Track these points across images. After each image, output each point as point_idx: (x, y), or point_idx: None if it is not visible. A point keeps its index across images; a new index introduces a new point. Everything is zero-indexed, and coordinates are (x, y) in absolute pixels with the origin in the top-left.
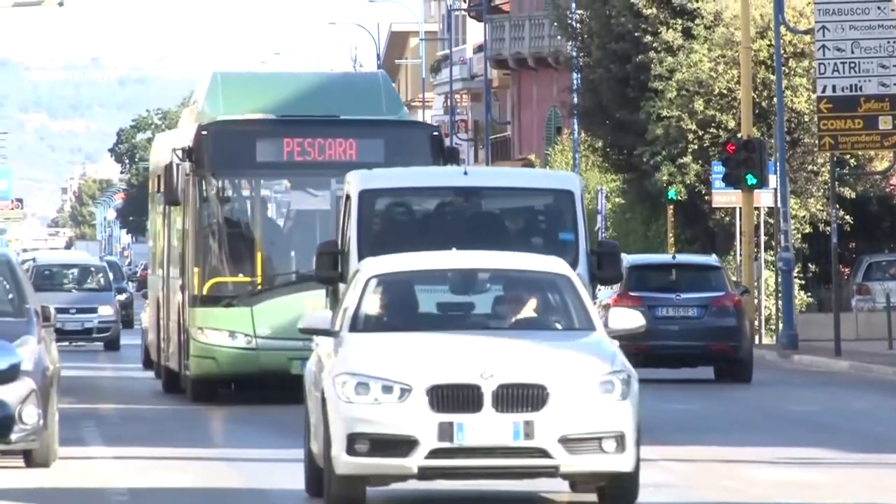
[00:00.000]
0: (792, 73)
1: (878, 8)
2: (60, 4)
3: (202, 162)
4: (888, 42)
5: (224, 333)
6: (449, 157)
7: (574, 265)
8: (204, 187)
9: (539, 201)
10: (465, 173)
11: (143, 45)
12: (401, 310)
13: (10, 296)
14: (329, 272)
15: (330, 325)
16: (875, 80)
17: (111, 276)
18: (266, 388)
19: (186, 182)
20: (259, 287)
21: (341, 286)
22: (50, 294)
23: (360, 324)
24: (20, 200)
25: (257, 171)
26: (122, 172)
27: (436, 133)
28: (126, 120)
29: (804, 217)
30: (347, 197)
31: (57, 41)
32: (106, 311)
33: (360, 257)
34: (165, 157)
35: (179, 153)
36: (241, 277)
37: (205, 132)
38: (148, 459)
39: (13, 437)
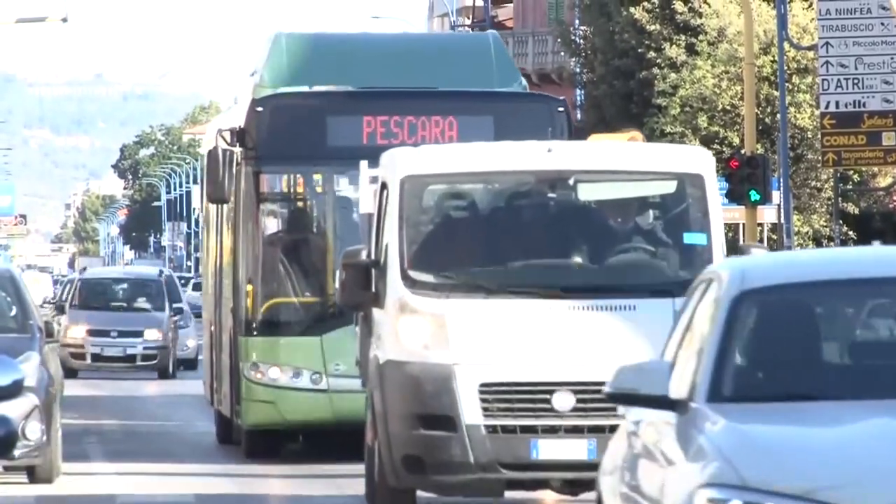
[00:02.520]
0: (795, 89)
1: (882, 24)
2: (64, 21)
3: (256, 147)
4: (892, 58)
5: (286, 371)
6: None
7: None
8: (258, 180)
9: (656, 189)
10: (550, 151)
11: (146, 61)
12: (805, 357)
13: (14, 311)
14: (358, 294)
15: (666, 386)
16: (878, 97)
17: (166, 294)
18: (341, 443)
19: (236, 173)
20: (331, 310)
21: (376, 313)
22: (95, 313)
23: (731, 386)
24: (24, 216)
25: (328, 159)
26: (125, 188)
27: (561, 108)
28: (130, 136)
29: (807, 233)
30: (383, 185)
31: (61, 57)
32: (152, 336)
33: (404, 272)
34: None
35: (227, 135)
36: (307, 297)
37: (260, 108)
38: (151, 475)
39: (16, 452)
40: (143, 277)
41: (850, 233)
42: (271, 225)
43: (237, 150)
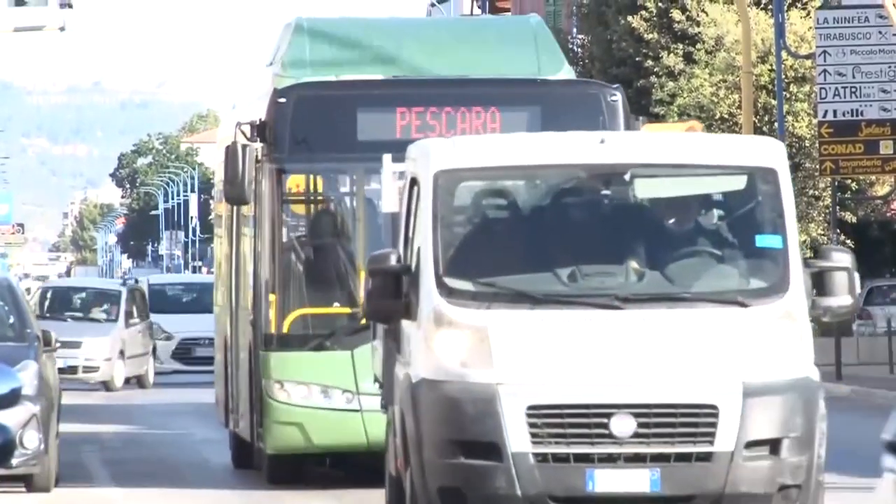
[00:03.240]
0: (793, 97)
1: (880, 33)
2: (62, 29)
3: (279, 142)
4: (889, 67)
5: (313, 389)
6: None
7: (781, 287)
8: (281, 178)
9: (724, 186)
10: (603, 142)
11: (144, 69)
12: None
13: (12, 320)
14: (387, 304)
15: None
16: (876, 105)
17: (124, 305)
18: (373, 467)
19: (257, 171)
20: (363, 322)
21: (406, 326)
22: (46, 322)
23: None
24: (21, 225)
25: (358, 155)
26: (122, 197)
27: (615, 96)
28: (127, 144)
29: (805, 242)
30: (413, 181)
31: (59, 66)
32: (94, 348)
33: (440, 279)
34: (229, 137)
35: (247, 129)
36: (336, 308)
37: (283, 99)
38: (150, 488)
39: (14, 461)
40: (102, 289)
41: (848, 241)
42: (296, 228)
43: (258, 145)
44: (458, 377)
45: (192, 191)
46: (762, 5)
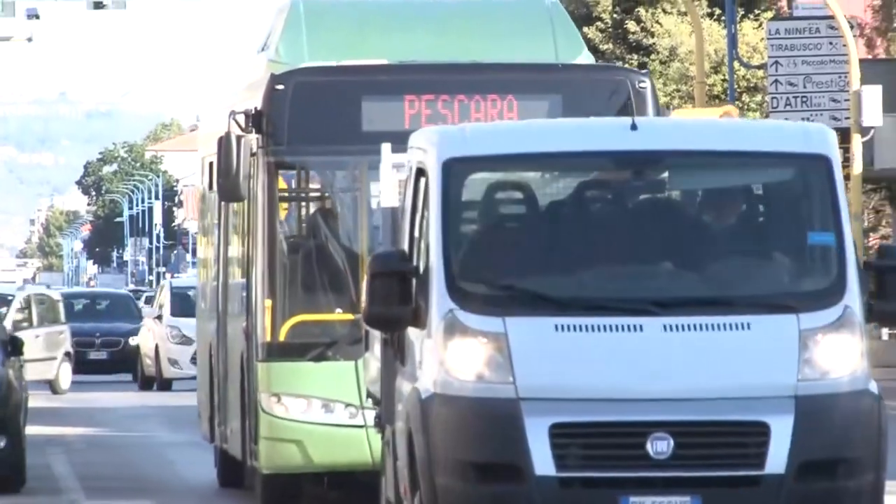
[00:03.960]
0: (745, 107)
1: (830, 43)
2: (29, 40)
3: (276, 132)
4: (839, 77)
5: (314, 403)
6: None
7: (836, 289)
8: (279, 172)
9: (770, 176)
10: (634, 128)
11: (109, 80)
12: None
13: None
14: (392, 310)
15: None
16: (826, 114)
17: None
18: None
19: (252, 165)
20: (365, 330)
21: (413, 334)
22: None
23: None
24: None
25: (362, 147)
26: (88, 204)
27: (643, 82)
28: (93, 153)
29: None
30: (419, 172)
31: (26, 76)
32: None
33: (452, 282)
34: (219, 129)
35: (241, 119)
36: (338, 314)
37: (281, 86)
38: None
39: None
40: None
41: None
42: (294, 227)
43: (253, 136)
44: (474, 392)
45: (157, 198)
46: (715, 16)
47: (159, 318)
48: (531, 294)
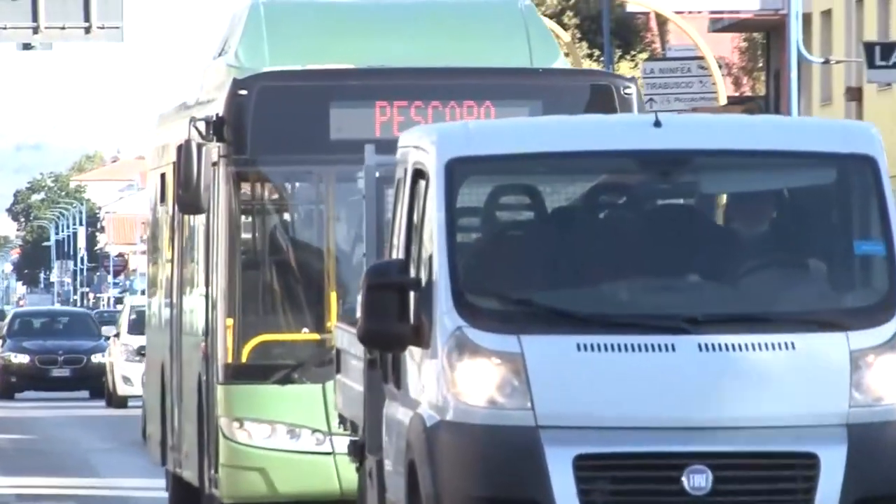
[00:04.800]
0: None
1: (700, 82)
2: None
3: (239, 140)
4: (710, 114)
5: (278, 428)
6: None
7: (891, 305)
8: (241, 183)
9: (811, 178)
10: (658, 124)
11: (37, 115)
12: None
13: None
14: (391, 326)
15: None
16: None
17: None
18: None
19: (214, 175)
20: (336, 349)
21: (412, 354)
22: None
23: None
24: None
25: (330, 156)
26: (18, 230)
27: (629, 89)
28: (22, 182)
29: None
30: (417, 175)
31: None
32: None
33: (459, 295)
34: (177, 137)
35: (202, 127)
36: (304, 334)
37: (243, 91)
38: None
39: None
40: None
41: None
42: (257, 241)
43: (214, 145)
44: (487, 419)
45: (80, 224)
46: (595, 57)
47: (117, 335)
48: (549, 309)
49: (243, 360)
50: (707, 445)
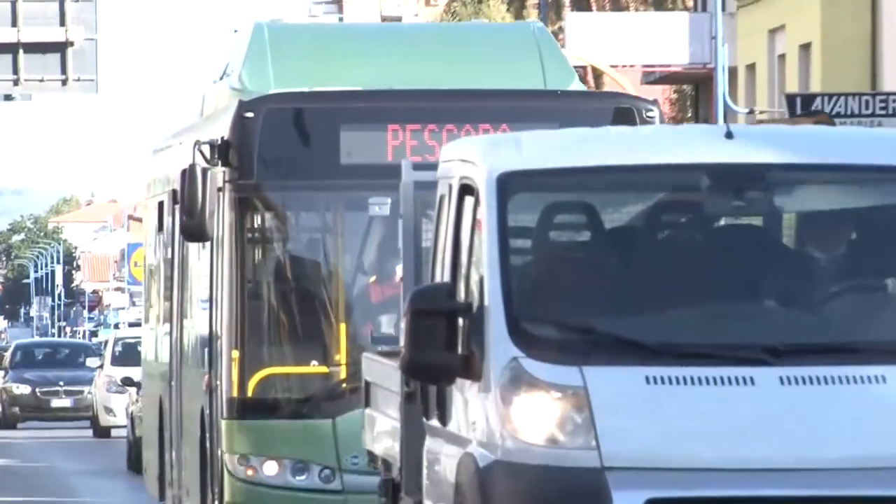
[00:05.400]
0: None
1: None
2: None
3: (245, 165)
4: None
5: (286, 464)
6: None
7: None
8: (247, 209)
9: (894, 196)
10: (730, 135)
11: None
12: None
13: None
14: (438, 356)
15: None
16: None
17: None
18: None
19: (218, 200)
20: (346, 384)
21: (461, 388)
22: None
23: None
24: None
25: (340, 182)
26: (0, 268)
27: (652, 112)
28: (4, 224)
29: None
30: (464, 191)
31: None
32: None
33: (515, 323)
34: (176, 164)
35: (206, 150)
36: (313, 367)
37: (250, 113)
38: None
39: None
40: None
41: None
42: (264, 269)
43: (219, 170)
44: (548, 459)
45: (58, 263)
46: None
47: (101, 367)
48: (614, 338)
49: (249, 394)
50: (792, 489)
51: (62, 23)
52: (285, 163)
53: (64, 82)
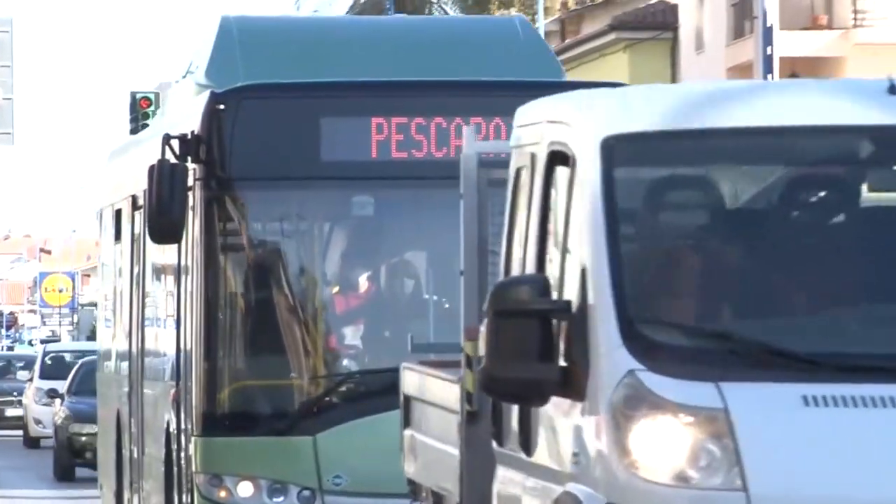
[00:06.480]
0: None
1: None
2: None
3: (218, 161)
4: None
5: (262, 485)
6: None
7: None
8: (219, 209)
9: None
10: (893, 90)
11: None
12: None
13: None
14: (531, 367)
15: None
16: None
17: None
18: None
19: (189, 199)
20: (328, 398)
21: (556, 406)
22: None
23: None
24: None
25: (320, 179)
26: None
27: None
28: None
29: None
30: (554, 158)
31: None
32: None
33: (629, 326)
34: (137, 165)
35: (176, 146)
36: (291, 379)
37: (222, 106)
38: None
39: None
40: None
41: None
42: (239, 274)
43: (190, 165)
44: (679, 500)
45: None
46: None
47: (31, 379)
48: (760, 346)
49: (223, 409)
50: None
51: None
52: (261, 159)
53: None
